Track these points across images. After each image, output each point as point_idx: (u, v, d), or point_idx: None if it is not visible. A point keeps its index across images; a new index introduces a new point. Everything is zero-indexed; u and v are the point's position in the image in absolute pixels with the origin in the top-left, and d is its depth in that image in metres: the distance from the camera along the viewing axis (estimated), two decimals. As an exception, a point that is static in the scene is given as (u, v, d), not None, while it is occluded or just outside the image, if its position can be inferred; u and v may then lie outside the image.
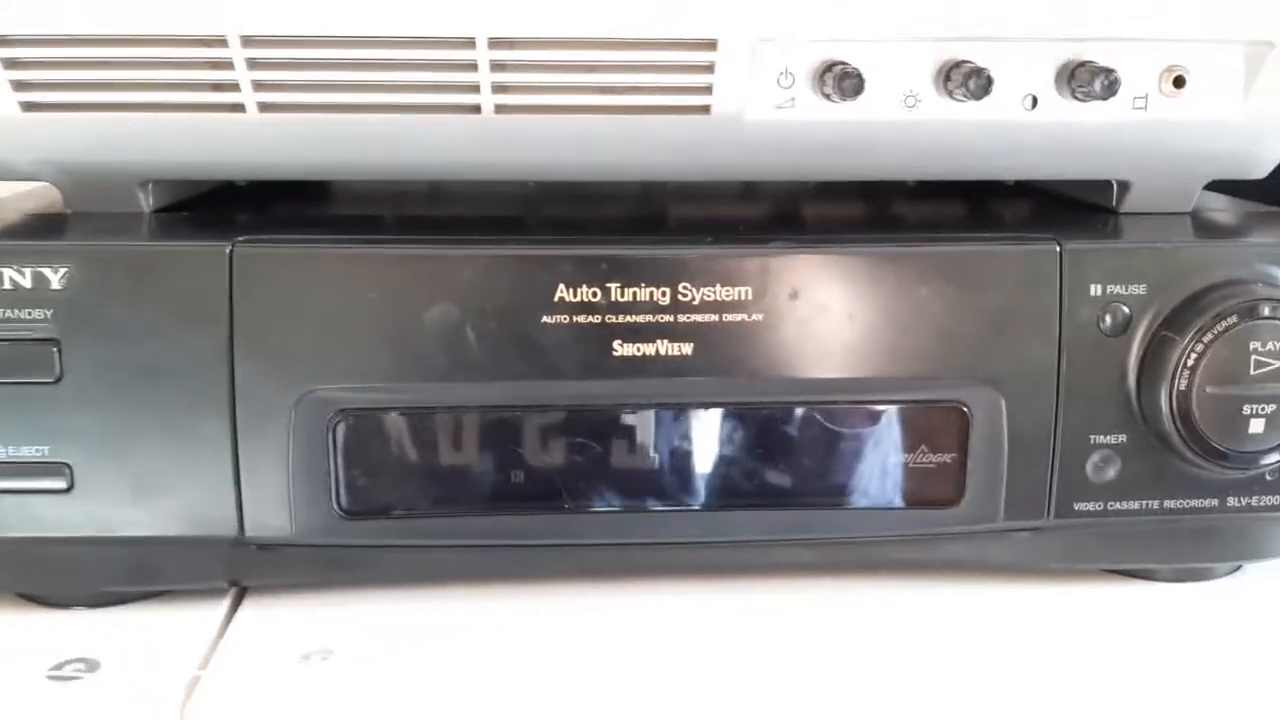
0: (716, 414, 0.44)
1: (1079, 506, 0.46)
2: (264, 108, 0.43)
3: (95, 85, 0.42)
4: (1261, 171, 0.47)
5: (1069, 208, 0.51)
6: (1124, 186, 0.48)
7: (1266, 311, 0.43)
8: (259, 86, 0.42)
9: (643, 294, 0.43)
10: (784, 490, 0.45)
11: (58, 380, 0.42)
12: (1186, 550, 0.48)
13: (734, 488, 0.45)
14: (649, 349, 0.43)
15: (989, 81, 0.42)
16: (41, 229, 0.45)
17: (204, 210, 0.48)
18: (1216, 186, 0.49)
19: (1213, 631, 0.46)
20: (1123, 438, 0.45)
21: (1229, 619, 0.47)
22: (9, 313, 0.42)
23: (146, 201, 0.46)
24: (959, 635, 0.45)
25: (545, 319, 0.43)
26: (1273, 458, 0.45)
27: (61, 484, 0.43)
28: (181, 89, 0.42)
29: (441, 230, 0.46)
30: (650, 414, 0.44)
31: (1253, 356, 0.43)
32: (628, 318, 0.43)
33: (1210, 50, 0.44)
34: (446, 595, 0.47)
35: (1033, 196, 0.55)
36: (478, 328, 0.43)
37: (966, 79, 0.42)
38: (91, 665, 0.42)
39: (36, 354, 0.42)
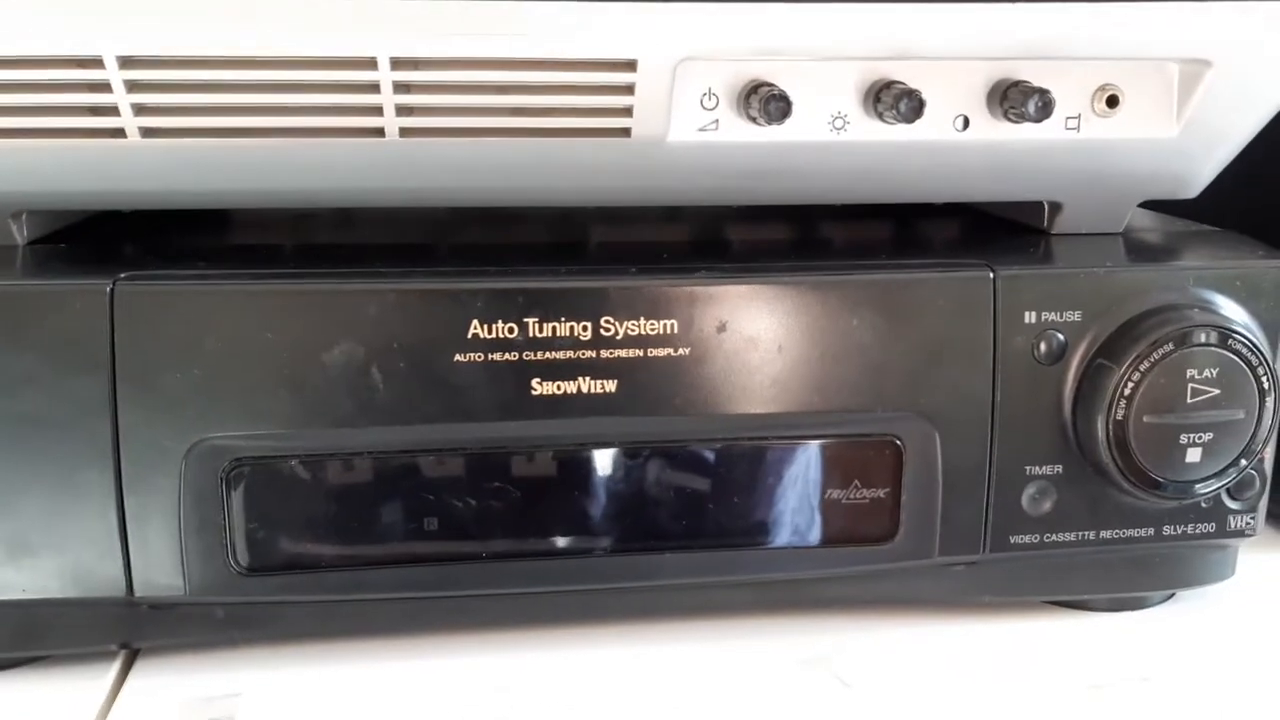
0: (641, 454, 0.42)
1: (1015, 539, 0.44)
2: (146, 132, 0.39)
3: (-43, 110, 0.38)
4: (1194, 191, 0.46)
5: (999, 228, 0.50)
6: (1055, 207, 0.47)
7: (1202, 338, 0.42)
8: (140, 110, 0.39)
9: (563, 329, 0.40)
10: (713, 530, 0.43)
11: (-74, 432, 0.38)
12: (1122, 580, 0.47)
13: (661, 529, 0.43)
14: (570, 387, 0.41)
15: (920, 104, 0.40)
16: (-98, 266, 0.41)
17: (83, 242, 0.45)
18: (1146, 204, 0.48)
19: (1148, 660, 0.45)
20: (1059, 468, 0.44)
21: (1164, 647, 0.46)
22: None
23: (20, 234, 0.43)
24: (897, 672, 0.43)
25: (458, 357, 0.40)
26: (1208, 486, 0.44)
27: (-68, 543, 0.39)
28: (57, 113, 0.39)
29: (345, 261, 0.43)
30: (572, 455, 0.41)
31: (1189, 384, 0.42)
32: (547, 354, 0.40)
33: (1144, 69, 0.43)
34: (354, 651, 0.44)
35: (962, 215, 0.53)
36: (384, 368, 0.40)
37: (897, 100, 0.40)
38: (-32, 742, 0.39)
39: (-101, 404, 0.38)
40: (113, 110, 0.39)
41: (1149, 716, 0.41)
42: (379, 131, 0.40)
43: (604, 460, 0.42)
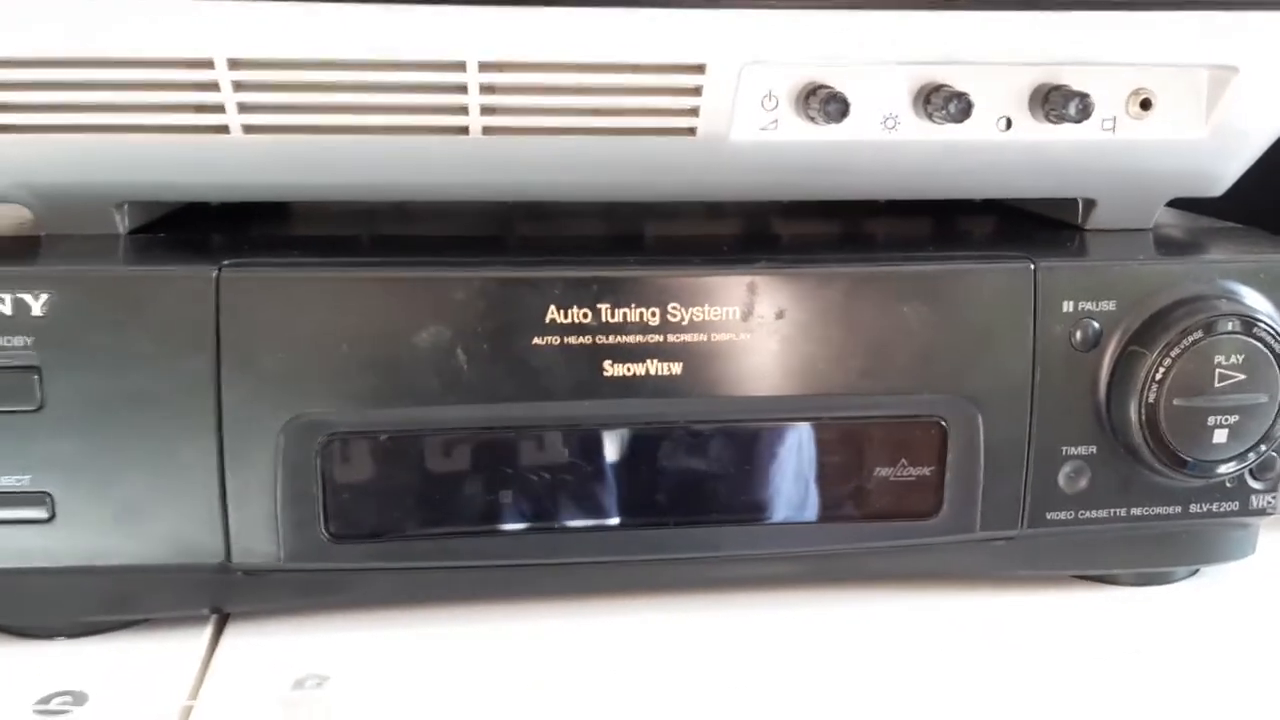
0: (704, 432, 0.45)
1: (1051, 516, 0.47)
2: (248, 129, 0.42)
3: (75, 107, 0.41)
4: (1220, 189, 0.49)
5: (1035, 224, 0.52)
6: (1089, 204, 0.50)
7: (1229, 326, 0.45)
8: (244, 109, 0.42)
9: (633, 315, 0.43)
10: (769, 504, 0.46)
11: (39, 408, 0.41)
12: (1149, 555, 0.50)
13: (721, 503, 0.45)
14: (639, 369, 0.44)
15: (969, 105, 0.43)
16: (16, 253, 0.44)
17: (179, 232, 0.47)
18: (1172, 203, 0.51)
19: (1174, 632, 0.48)
20: (1093, 449, 0.47)
21: (1189, 620, 0.49)
22: (-12, 340, 0.41)
23: (122, 223, 0.46)
24: (939, 642, 0.46)
25: (536, 340, 0.43)
26: (1233, 466, 0.47)
27: (43, 513, 0.42)
28: (165, 111, 0.42)
29: (419, 250, 0.46)
30: (640, 433, 0.44)
31: (1216, 370, 0.45)
32: (618, 338, 0.43)
33: (1176, 74, 0.45)
34: (432, 617, 0.47)
35: (997, 212, 0.56)
36: (469, 349, 0.43)
37: (947, 102, 0.43)
38: (79, 698, 0.41)
39: (16, 382, 0.41)
40: (219, 108, 0.42)
41: (1176, 684, 0.44)
42: (463, 130, 0.43)
43: (670, 438, 0.45)
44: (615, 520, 0.45)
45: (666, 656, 0.45)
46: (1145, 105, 0.46)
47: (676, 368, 0.44)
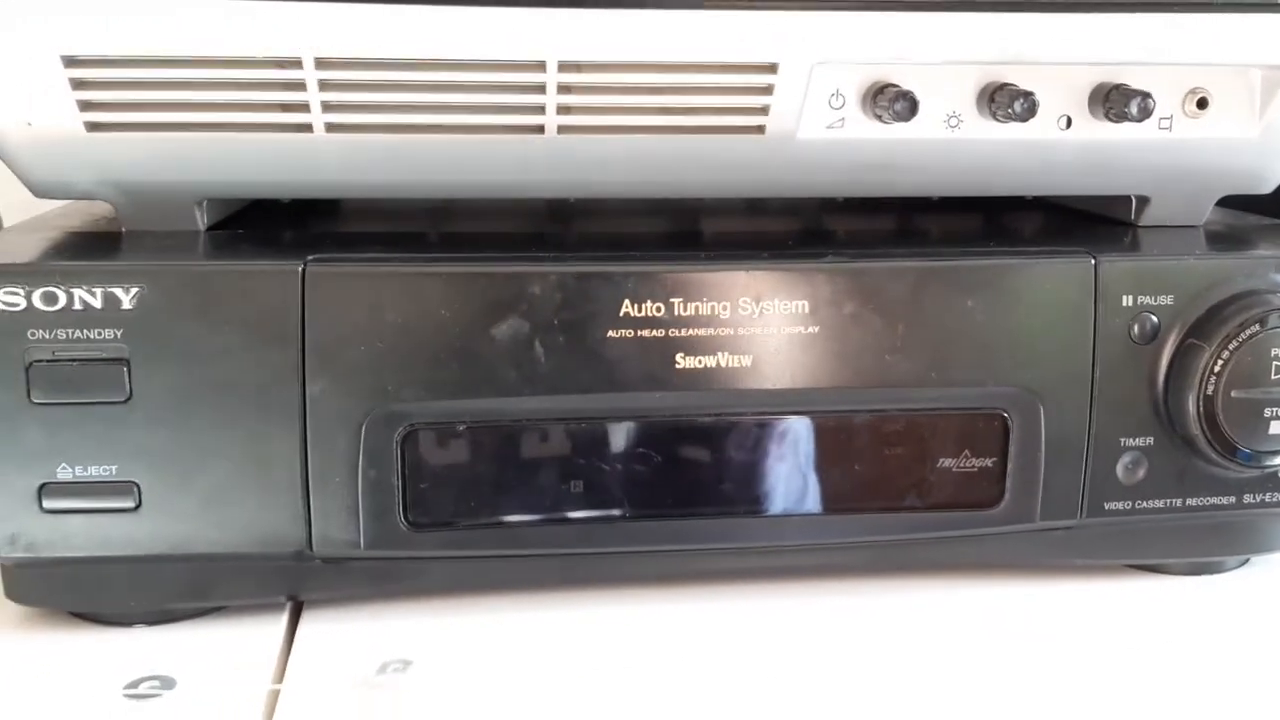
0: (776, 423, 0.46)
1: (1109, 506, 0.48)
2: (331, 128, 0.43)
3: (163, 105, 0.42)
4: (1270, 187, 0.50)
5: (1086, 220, 0.53)
6: (1143, 201, 0.51)
7: (1285, 319, 0.46)
8: (328, 107, 0.43)
9: (705, 308, 0.44)
10: (838, 495, 0.47)
11: (127, 400, 0.42)
12: (1203, 545, 0.51)
13: (790, 494, 0.46)
14: (710, 361, 0.45)
15: (1035, 104, 0.44)
16: (102, 249, 0.45)
17: (256, 228, 0.48)
18: (1222, 201, 0.52)
19: (1226, 620, 0.49)
20: (1150, 440, 0.48)
21: (1240, 609, 0.50)
22: (79, 333, 0.42)
23: (201, 219, 0.47)
24: (998, 629, 0.47)
25: (611, 333, 0.44)
26: (1285, 457, 0.48)
27: (130, 503, 0.43)
28: (251, 109, 0.43)
29: (488, 247, 0.47)
30: (711, 424, 0.45)
31: (1273, 362, 0.46)
32: (690, 331, 0.44)
33: (1232, 74, 0.47)
34: (504, 603, 0.48)
35: (1043, 209, 0.57)
36: (546, 342, 0.44)
37: (1013, 100, 0.44)
38: (166, 683, 0.42)
39: (106, 374, 0.42)
40: (303, 107, 0.43)
41: (1229, 672, 0.45)
42: (539, 129, 0.44)
43: (740, 429, 0.46)
44: (684, 509, 0.46)
45: (742, 641, 0.46)
46: (1202, 104, 0.47)
47: (747, 360, 0.45)
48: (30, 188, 0.45)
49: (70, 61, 0.41)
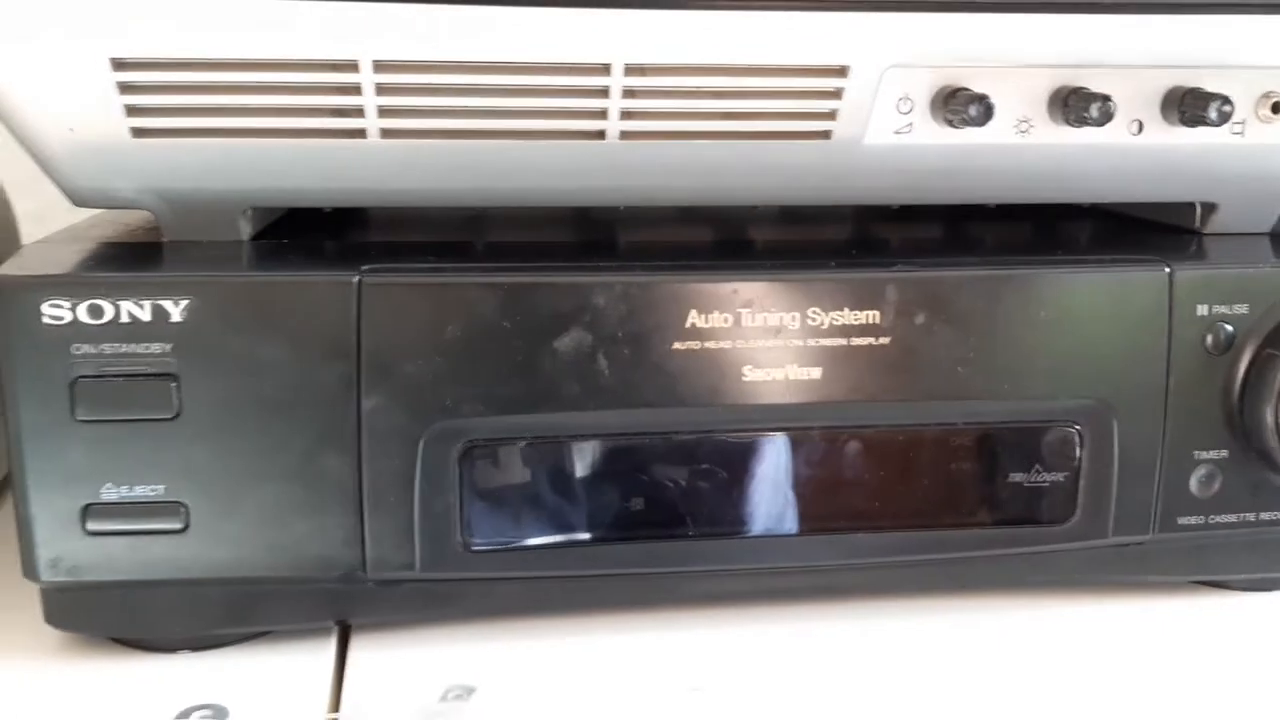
0: (847, 437, 0.44)
1: (1182, 521, 0.47)
2: (386, 133, 0.42)
3: (213, 110, 0.41)
4: (1339, 192, 0.49)
5: (1148, 228, 0.52)
6: (1209, 208, 0.50)
7: (1364, 329, 0.45)
8: (384, 112, 0.41)
9: (773, 319, 0.43)
10: (906, 511, 0.45)
11: (175, 416, 0.40)
12: (1273, 560, 0.50)
13: (859, 510, 0.45)
14: (779, 373, 0.43)
15: (1112, 108, 0.43)
16: (146, 260, 0.43)
17: (300, 236, 0.47)
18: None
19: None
20: (1224, 453, 0.46)
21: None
22: (125, 347, 0.40)
23: (246, 229, 0.45)
24: (1066, 644, 0.46)
25: (676, 345, 0.42)
26: (1359, 470, 0.46)
27: (177, 524, 0.41)
28: (303, 114, 0.41)
29: (539, 256, 0.46)
30: (780, 438, 0.44)
31: (1351, 373, 0.45)
32: (758, 343, 0.43)
33: (1304, 77, 0.45)
34: (565, 626, 0.46)
35: (1101, 217, 0.56)
36: (610, 355, 0.42)
37: (1089, 104, 0.43)
38: (219, 712, 0.41)
39: (154, 390, 0.40)
40: (358, 112, 0.41)
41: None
42: (600, 134, 0.42)
43: (808, 444, 0.44)
44: (750, 527, 0.44)
45: (813, 660, 0.44)
46: (1276, 109, 0.46)
47: (816, 372, 0.43)
48: (69, 195, 0.43)
49: (119, 64, 0.39)
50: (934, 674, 0.44)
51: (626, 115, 0.42)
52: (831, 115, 0.43)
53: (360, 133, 0.42)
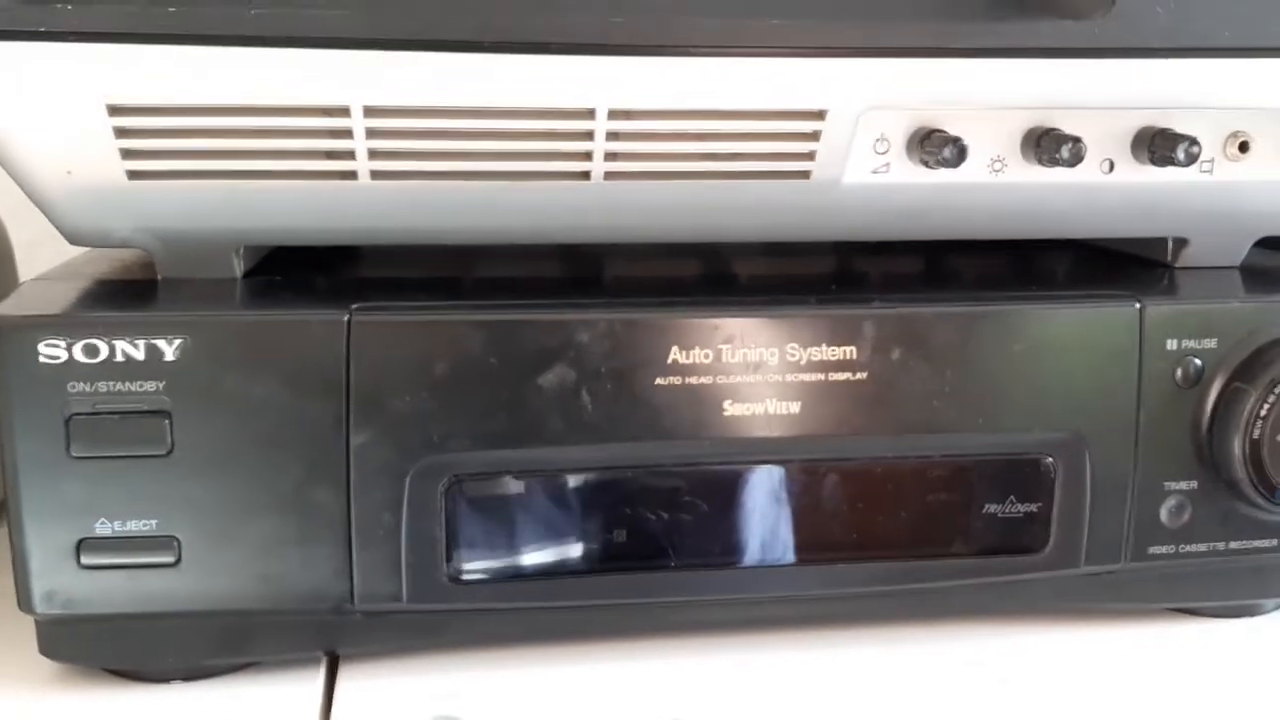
0: (826, 470, 0.45)
1: (1153, 550, 0.48)
2: (377, 175, 0.43)
3: (207, 154, 0.42)
4: (1310, 227, 0.50)
5: (1120, 262, 0.53)
6: (1180, 243, 0.51)
7: (1329, 363, 0.46)
8: (375, 155, 0.42)
9: (753, 355, 0.44)
10: (885, 542, 0.46)
11: (168, 453, 0.41)
12: (1243, 587, 0.51)
13: (837, 541, 0.46)
14: (759, 408, 0.44)
15: (1082, 149, 0.44)
16: (140, 298, 0.44)
17: (290, 273, 0.48)
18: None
19: (1269, 663, 0.48)
20: (1194, 484, 0.47)
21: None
22: (120, 385, 0.41)
23: (239, 266, 0.46)
24: (1047, 672, 0.47)
25: (659, 380, 0.43)
26: (1329, 499, 0.48)
27: (169, 558, 0.42)
28: (294, 157, 0.42)
29: (526, 293, 0.47)
30: (759, 472, 0.45)
31: (1318, 405, 0.46)
32: (738, 378, 0.44)
33: (1272, 117, 0.47)
34: (547, 657, 0.47)
35: (1075, 249, 0.57)
36: (593, 390, 0.43)
37: (1059, 146, 0.44)
38: (211, 743, 0.41)
39: (147, 427, 0.41)
40: (349, 155, 0.42)
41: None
42: (585, 175, 0.43)
43: (787, 476, 0.45)
44: (731, 558, 0.45)
45: (792, 689, 0.45)
46: (1243, 148, 0.47)
47: (795, 406, 0.44)
48: (66, 235, 0.44)
49: (115, 110, 0.40)
50: (912, 702, 0.45)
51: (610, 157, 0.43)
52: (810, 156, 0.44)
53: (351, 174, 0.43)
